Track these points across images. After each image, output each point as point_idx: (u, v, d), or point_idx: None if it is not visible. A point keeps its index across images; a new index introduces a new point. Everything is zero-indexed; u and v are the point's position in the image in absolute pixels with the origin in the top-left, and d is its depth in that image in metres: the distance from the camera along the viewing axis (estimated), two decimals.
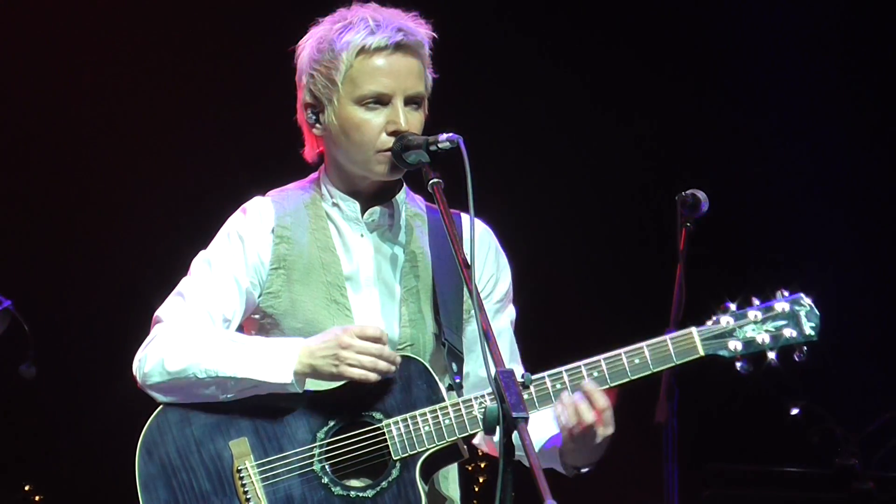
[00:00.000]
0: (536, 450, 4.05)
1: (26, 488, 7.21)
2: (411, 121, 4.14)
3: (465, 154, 3.90)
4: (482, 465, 7.40)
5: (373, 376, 3.96)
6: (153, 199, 7.04)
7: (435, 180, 3.97)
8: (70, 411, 7.07)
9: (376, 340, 3.96)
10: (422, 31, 4.20)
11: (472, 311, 4.18)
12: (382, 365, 3.96)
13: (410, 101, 4.16)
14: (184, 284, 4.19)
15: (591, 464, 4.13)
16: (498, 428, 3.52)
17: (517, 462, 3.60)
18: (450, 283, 4.21)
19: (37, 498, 7.20)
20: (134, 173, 7.08)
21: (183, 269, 4.24)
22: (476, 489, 7.40)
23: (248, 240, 4.20)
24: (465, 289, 4.07)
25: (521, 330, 4.36)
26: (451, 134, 4.02)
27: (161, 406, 4.08)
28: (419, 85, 4.17)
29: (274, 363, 3.99)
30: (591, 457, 4.10)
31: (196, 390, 4.04)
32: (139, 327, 4.24)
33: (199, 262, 4.22)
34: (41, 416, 7.13)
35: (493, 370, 3.56)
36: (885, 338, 7.36)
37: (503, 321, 4.33)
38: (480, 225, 4.26)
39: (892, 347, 7.34)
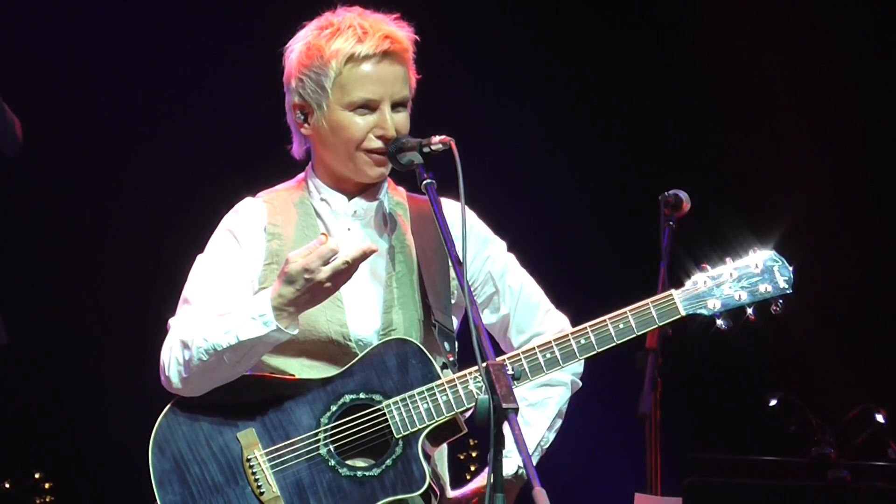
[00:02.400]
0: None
1: (36, 476, 7.26)
2: (398, 123, 4.26)
3: (456, 155, 4.01)
4: (473, 455, 7.48)
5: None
6: (157, 199, 7.09)
7: (428, 181, 4.08)
8: (80, 399, 7.09)
9: (331, 253, 4.01)
10: (406, 36, 4.31)
11: (460, 289, 4.33)
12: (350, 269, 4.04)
13: (397, 104, 4.28)
14: (188, 290, 4.27)
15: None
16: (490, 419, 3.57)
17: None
18: (435, 268, 4.30)
19: (47, 485, 7.20)
20: (132, 176, 7.13)
21: (184, 266, 4.33)
22: (468, 477, 7.49)
23: (242, 238, 4.30)
24: (452, 271, 4.21)
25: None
26: (443, 136, 4.11)
27: (169, 405, 4.16)
28: (405, 89, 4.29)
29: (256, 319, 4.05)
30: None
31: (214, 374, 4.12)
32: (148, 319, 4.32)
33: (199, 265, 4.31)
34: (51, 403, 7.18)
35: (483, 363, 3.62)
36: (859, 331, 7.45)
37: (514, 278, 4.43)
38: (457, 206, 4.26)
39: (865, 340, 7.44)
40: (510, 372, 3.71)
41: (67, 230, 7.21)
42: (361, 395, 4.16)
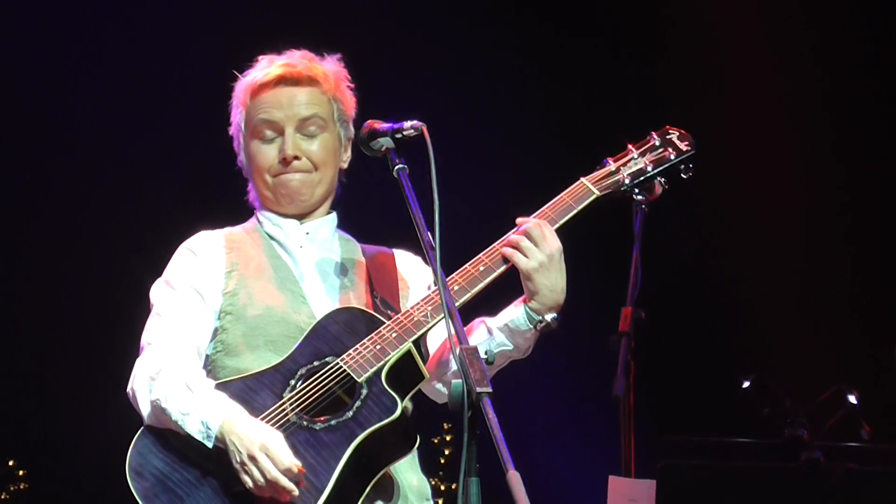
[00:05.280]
0: (504, 316, 4.33)
1: (10, 463, 7.31)
2: (306, 147, 4.41)
3: (428, 140, 4.07)
4: (448, 438, 7.52)
5: (257, 490, 4.06)
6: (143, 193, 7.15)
7: (400, 166, 4.13)
8: (53, 385, 7.11)
9: (284, 471, 4.04)
10: (317, 65, 4.45)
11: (408, 293, 4.40)
12: (269, 488, 4.04)
13: (305, 127, 4.39)
14: (157, 304, 4.36)
15: (557, 303, 4.30)
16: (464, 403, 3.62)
17: (481, 434, 3.67)
18: (387, 282, 4.43)
19: (21, 472, 7.28)
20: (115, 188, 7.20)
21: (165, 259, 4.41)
22: (442, 461, 7.53)
23: (200, 252, 4.41)
24: (398, 274, 4.44)
25: (483, 310, 4.51)
26: (414, 122, 4.17)
27: (136, 435, 4.22)
28: (311, 109, 4.41)
29: (203, 427, 4.11)
30: (556, 286, 4.28)
31: (164, 423, 4.19)
32: (122, 308, 4.36)
33: (161, 286, 4.39)
34: (24, 390, 7.20)
35: (457, 348, 3.69)
36: (831, 312, 7.52)
37: None
38: (405, 252, 4.56)
39: (836, 321, 7.50)
40: (484, 357, 3.72)
41: (49, 223, 7.25)
42: (315, 363, 4.22)
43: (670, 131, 4.54)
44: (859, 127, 7.58)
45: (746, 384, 5.77)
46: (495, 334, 4.33)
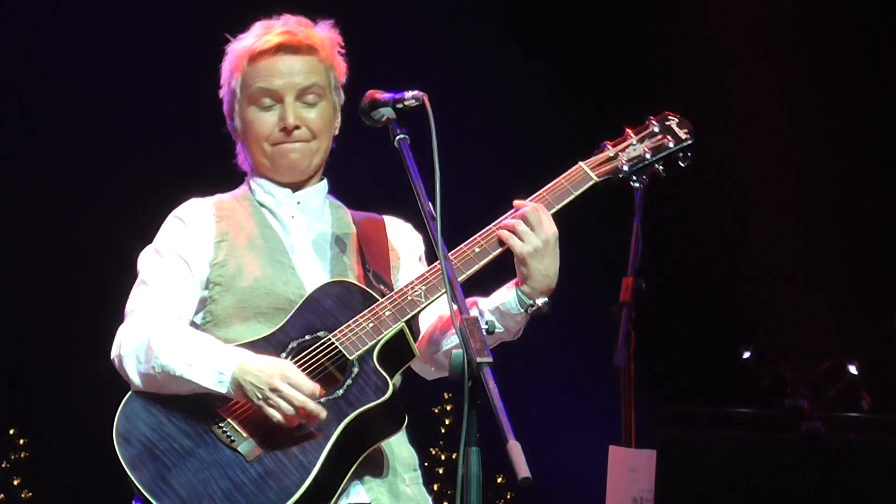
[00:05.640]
0: (496, 298, 4.28)
1: (11, 432, 7.34)
2: (305, 116, 4.38)
3: (429, 111, 4.02)
4: (448, 408, 7.55)
5: (287, 420, 4.04)
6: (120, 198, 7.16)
7: (401, 136, 4.08)
8: (55, 356, 7.14)
9: (310, 395, 4.02)
10: (319, 34, 4.41)
11: (399, 263, 4.40)
12: (298, 415, 4.02)
13: (304, 95, 4.38)
14: (143, 272, 4.32)
15: (549, 288, 4.26)
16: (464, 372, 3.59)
17: (482, 404, 3.63)
18: (378, 254, 4.40)
19: (21, 441, 7.33)
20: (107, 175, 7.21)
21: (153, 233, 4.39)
22: (442, 431, 7.56)
23: (189, 221, 4.37)
24: (388, 244, 4.39)
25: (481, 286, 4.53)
26: (416, 92, 4.12)
27: (123, 400, 4.17)
28: (310, 78, 4.38)
29: (215, 374, 4.07)
30: (549, 271, 4.24)
31: (160, 384, 4.14)
32: (116, 280, 4.37)
33: (149, 253, 4.36)
34: (26, 362, 7.23)
35: (458, 319, 3.65)
36: (832, 284, 7.53)
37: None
38: (395, 219, 4.52)
39: (837, 292, 7.52)
40: (484, 326, 3.71)
41: (40, 193, 7.26)
42: (307, 338, 4.18)
43: (669, 117, 4.48)
44: (856, 100, 7.59)
45: (747, 354, 5.78)
46: (486, 316, 4.32)
